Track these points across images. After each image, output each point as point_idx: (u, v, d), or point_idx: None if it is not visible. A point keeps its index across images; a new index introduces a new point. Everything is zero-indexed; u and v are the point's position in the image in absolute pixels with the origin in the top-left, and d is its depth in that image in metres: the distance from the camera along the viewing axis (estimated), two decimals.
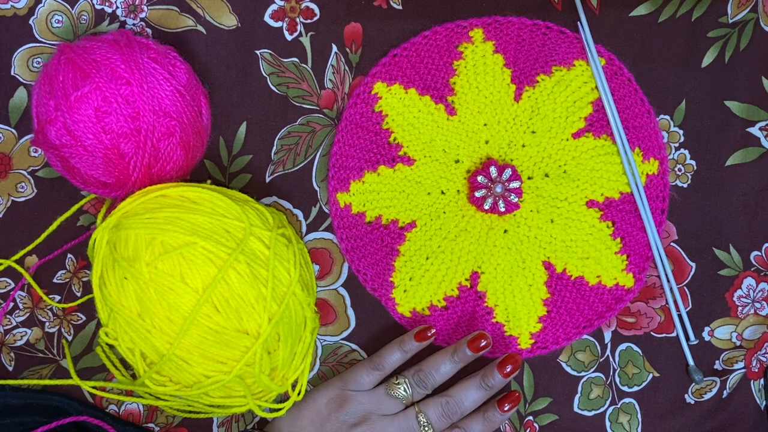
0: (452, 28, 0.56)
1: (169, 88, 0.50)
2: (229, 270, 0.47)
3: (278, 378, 0.51)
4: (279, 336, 0.49)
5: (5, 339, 0.57)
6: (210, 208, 0.49)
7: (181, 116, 0.51)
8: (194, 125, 0.52)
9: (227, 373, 0.48)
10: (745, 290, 0.57)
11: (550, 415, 0.57)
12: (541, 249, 0.56)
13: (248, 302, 0.48)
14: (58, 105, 0.49)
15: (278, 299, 0.49)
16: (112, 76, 0.49)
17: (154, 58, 0.51)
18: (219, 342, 0.47)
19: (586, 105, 0.56)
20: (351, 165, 0.56)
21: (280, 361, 0.50)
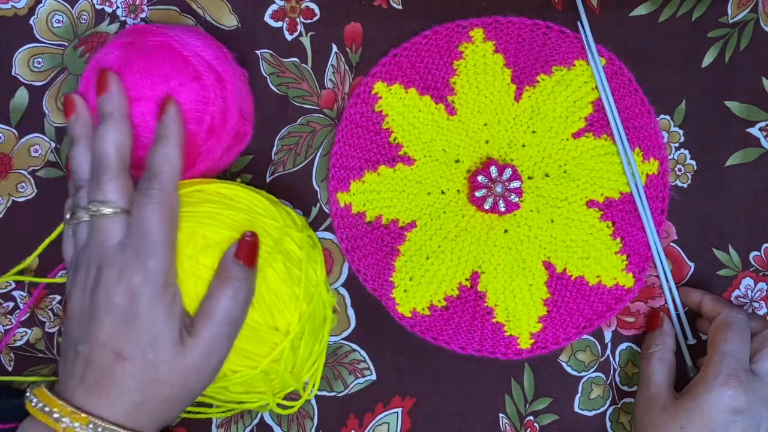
0: (452, 27, 0.56)
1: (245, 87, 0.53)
2: (267, 268, 0.47)
3: (295, 375, 0.51)
4: (302, 334, 0.49)
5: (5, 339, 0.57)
6: (246, 206, 0.50)
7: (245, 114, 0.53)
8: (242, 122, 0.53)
9: (254, 368, 0.48)
10: (744, 290, 0.57)
11: (550, 415, 0.57)
12: (541, 249, 0.56)
13: (282, 300, 0.48)
14: (153, 86, 0.48)
15: (307, 299, 0.49)
16: (209, 69, 0.50)
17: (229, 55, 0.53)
18: (250, 337, 0.47)
19: (587, 105, 0.56)
20: (351, 165, 0.56)
21: (300, 358, 0.50)
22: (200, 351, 0.44)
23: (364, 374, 0.57)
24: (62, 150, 0.57)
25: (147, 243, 0.44)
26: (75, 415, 0.42)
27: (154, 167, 0.46)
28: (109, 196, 0.45)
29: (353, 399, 0.57)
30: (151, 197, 0.45)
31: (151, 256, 0.43)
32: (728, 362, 0.50)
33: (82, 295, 0.44)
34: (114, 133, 0.46)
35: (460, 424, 0.57)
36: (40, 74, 0.57)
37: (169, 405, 0.44)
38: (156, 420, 0.44)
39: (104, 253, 0.44)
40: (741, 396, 0.48)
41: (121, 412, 0.42)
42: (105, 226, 0.44)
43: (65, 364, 0.44)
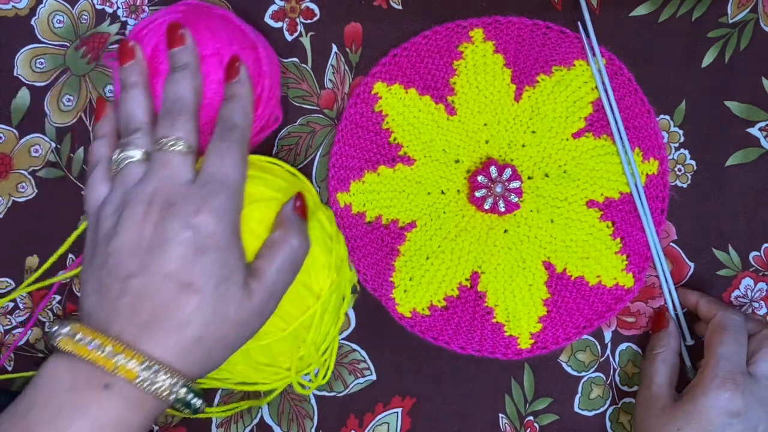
0: (452, 27, 0.56)
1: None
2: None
3: (316, 350, 0.52)
4: (327, 308, 0.50)
5: (5, 339, 0.57)
6: (282, 176, 0.52)
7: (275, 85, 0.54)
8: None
9: (285, 329, 0.49)
10: (743, 290, 0.57)
11: (550, 415, 0.57)
12: (541, 249, 0.56)
13: (318, 263, 0.49)
14: (217, 46, 0.50)
15: (337, 270, 0.51)
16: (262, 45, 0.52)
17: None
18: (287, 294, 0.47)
19: (586, 105, 0.56)
20: (351, 165, 0.56)
21: (321, 334, 0.51)
22: (264, 293, 0.44)
23: (364, 374, 0.57)
24: (62, 150, 0.57)
25: (226, 185, 0.43)
26: (129, 352, 0.39)
27: (232, 118, 0.46)
28: (184, 135, 0.45)
29: (353, 399, 0.57)
30: (234, 143, 0.45)
31: (230, 197, 0.43)
32: (724, 365, 0.50)
33: (139, 227, 0.42)
34: (192, 80, 0.47)
35: (460, 424, 0.57)
36: (42, 75, 0.57)
37: (223, 345, 0.43)
38: (203, 363, 0.42)
39: (175, 189, 0.43)
40: (738, 399, 0.48)
41: (176, 351, 0.40)
42: (176, 162, 0.44)
43: (107, 301, 0.41)
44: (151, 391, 0.39)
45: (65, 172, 0.57)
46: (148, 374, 0.39)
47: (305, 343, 0.50)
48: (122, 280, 0.41)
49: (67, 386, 0.39)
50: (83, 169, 0.57)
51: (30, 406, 0.39)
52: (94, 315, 0.41)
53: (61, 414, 0.38)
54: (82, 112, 0.57)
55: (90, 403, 0.39)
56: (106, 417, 0.39)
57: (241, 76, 0.48)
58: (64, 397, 0.39)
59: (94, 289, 0.42)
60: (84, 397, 0.39)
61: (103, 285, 0.42)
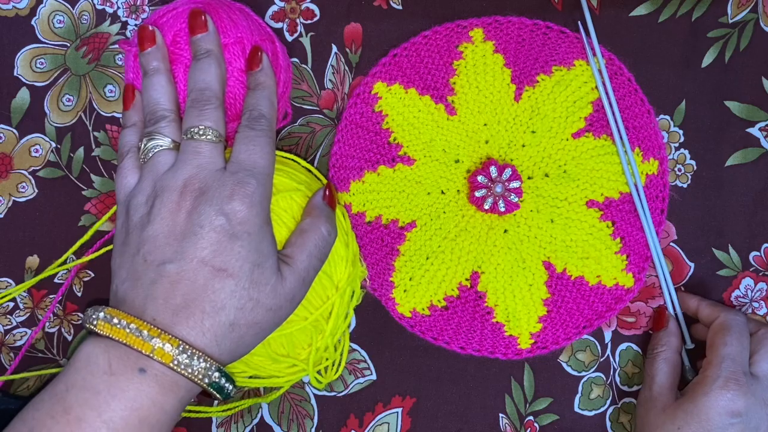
0: (452, 28, 0.56)
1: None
2: None
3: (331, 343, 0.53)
4: (342, 300, 0.51)
5: (5, 339, 0.57)
6: (300, 170, 0.52)
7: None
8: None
9: (306, 318, 0.49)
10: (743, 290, 0.57)
11: (550, 415, 0.57)
12: (541, 249, 0.56)
13: (337, 254, 0.50)
14: (239, 34, 0.50)
15: (352, 263, 0.52)
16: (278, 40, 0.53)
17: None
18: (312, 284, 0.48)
19: (586, 105, 0.56)
20: (351, 165, 0.56)
21: (336, 328, 0.51)
22: (295, 279, 0.45)
23: (364, 374, 0.57)
24: (62, 150, 0.57)
25: (256, 173, 0.44)
26: (165, 336, 0.40)
27: (258, 107, 0.47)
28: (213, 124, 0.45)
29: (353, 399, 0.57)
30: (262, 132, 0.46)
31: (261, 184, 0.44)
32: (727, 365, 0.50)
33: (172, 215, 0.43)
34: (218, 68, 0.48)
35: (460, 424, 0.57)
36: (42, 75, 0.57)
37: (256, 331, 0.43)
38: (236, 348, 0.43)
39: (208, 176, 0.44)
40: (740, 399, 0.48)
41: (210, 335, 0.41)
42: (207, 151, 0.45)
43: (141, 287, 0.42)
44: (186, 375, 0.40)
45: (65, 172, 0.57)
46: (184, 358, 0.40)
47: (324, 334, 0.50)
48: (157, 267, 0.42)
49: (104, 369, 0.40)
50: (83, 169, 0.57)
51: (68, 388, 0.40)
52: (128, 300, 0.42)
53: (98, 396, 0.39)
54: (82, 112, 0.57)
55: (126, 386, 0.39)
56: (142, 399, 0.39)
57: (264, 64, 0.49)
58: (101, 379, 0.39)
59: (127, 275, 0.43)
60: (120, 379, 0.39)
61: (137, 272, 0.42)
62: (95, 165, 0.57)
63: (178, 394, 0.41)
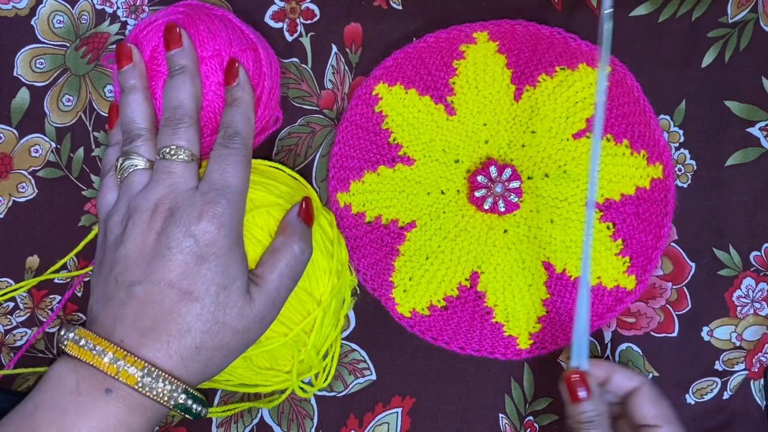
0: (460, 29, 0.56)
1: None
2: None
3: (317, 354, 0.52)
4: (328, 313, 0.50)
5: (5, 339, 0.57)
6: (285, 181, 0.52)
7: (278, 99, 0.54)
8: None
9: (286, 334, 0.49)
10: (745, 290, 0.57)
11: (550, 415, 0.57)
12: (541, 249, 0.56)
13: (318, 268, 0.50)
14: (217, 46, 0.50)
15: (337, 274, 0.51)
16: (262, 47, 0.52)
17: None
18: (290, 301, 0.48)
19: (589, 106, 0.56)
20: (351, 165, 0.56)
21: (321, 337, 0.51)
22: (265, 300, 0.45)
23: (364, 374, 0.57)
24: (62, 150, 0.57)
25: (228, 193, 0.44)
26: (129, 358, 0.40)
27: (233, 125, 0.47)
28: (186, 143, 0.45)
29: (353, 399, 0.57)
30: (236, 150, 0.46)
31: (232, 204, 0.44)
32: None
33: (144, 236, 0.43)
34: (191, 85, 0.47)
35: (460, 424, 0.57)
36: (42, 75, 0.57)
37: (224, 353, 0.43)
38: (204, 370, 0.43)
39: (179, 196, 0.44)
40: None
41: (177, 358, 0.41)
42: (179, 171, 0.45)
43: (112, 307, 0.42)
44: (152, 396, 0.40)
45: (65, 172, 0.57)
46: (149, 380, 0.40)
47: (306, 347, 0.50)
48: (126, 288, 0.42)
49: (71, 389, 0.40)
50: (83, 170, 0.57)
51: (36, 407, 0.40)
52: (99, 320, 0.43)
53: (65, 415, 0.39)
54: (81, 112, 0.57)
55: (93, 406, 0.40)
56: (108, 420, 0.40)
57: (241, 79, 0.48)
58: (69, 399, 0.40)
59: (100, 295, 0.44)
60: (87, 400, 0.40)
61: (108, 291, 0.43)
62: (95, 165, 0.57)
63: (145, 415, 0.41)
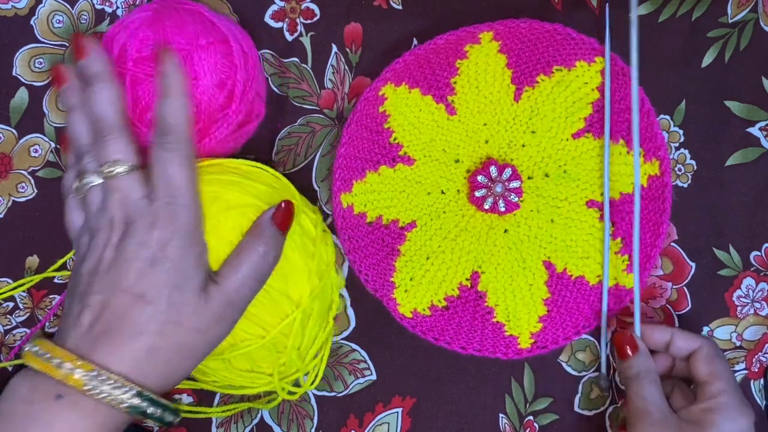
0: (468, 30, 0.55)
1: (261, 69, 0.54)
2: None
3: (301, 357, 0.51)
4: (311, 314, 0.50)
5: (5, 339, 0.57)
6: (266, 181, 0.51)
7: (260, 94, 0.54)
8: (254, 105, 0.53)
9: (263, 336, 0.48)
10: (745, 290, 0.57)
11: (550, 415, 0.57)
12: (542, 249, 0.56)
13: (296, 270, 0.49)
14: (182, 40, 0.49)
15: (319, 275, 0.50)
16: (235, 40, 0.51)
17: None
18: (262, 302, 0.48)
19: (586, 105, 0.56)
20: (354, 166, 0.56)
21: (306, 340, 0.50)
22: (223, 299, 0.44)
23: (364, 374, 0.57)
24: (62, 150, 0.57)
25: (176, 194, 0.44)
26: (77, 362, 0.40)
27: (166, 120, 0.46)
28: (118, 155, 0.45)
29: (353, 399, 0.57)
30: (172, 150, 0.45)
31: (182, 206, 0.44)
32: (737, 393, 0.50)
33: (102, 252, 0.44)
34: (106, 91, 0.46)
35: (460, 424, 0.57)
36: (41, 74, 0.57)
37: (184, 354, 0.43)
38: (165, 372, 0.43)
39: (130, 209, 0.44)
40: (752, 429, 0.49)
41: (129, 360, 0.41)
42: (123, 185, 0.44)
43: (68, 318, 0.43)
44: (102, 400, 0.40)
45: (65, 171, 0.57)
46: (96, 383, 0.40)
47: (286, 350, 0.50)
48: (84, 299, 0.43)
49: (24, 397, 0.41)
50: None
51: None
52: (60, 332, 0.43)
53: (18, 423, 0.40)
54: None
55: (44, 413, 0.40)
56: (60, 425, 0.40)
57: (168, 66, 0.47)
58: (21, 407, 0.40)
59: (66, 311, 0.44)
60: (38, 407, 0.40)
61: (70, 307, 0.44)
62: None
63: (97, 420, 0.40)
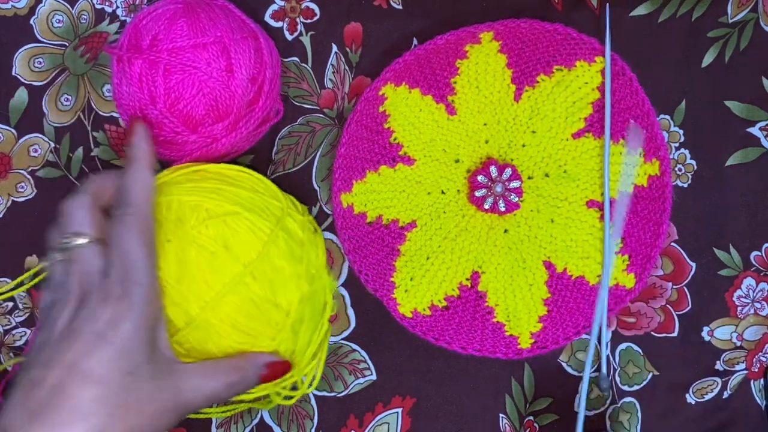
0: (469, 30, 0.55)
1: None
2: (269, 244, 0.47)
3: (295, 362, 0.51)
4: (303, 319, 0.49)
5: (5, 339, 0.57)
6: (249, 185, 0.50)
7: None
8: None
9: (253, 345, 0.48)
10: (745, 290, 0.57)
11: (550, 415, 0.57)
12: (542, 249, 0.56)
13: (283, 276, 0.48)
14: (218, 33, 0.50)
15: (309, 279, 0.49)
16: (263, 37, 0.52)
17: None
18: (251, 313, 0.47)
19: (586, 105, 0.56)
20: (354, 165, 0.56)
21: (300, 344, 0.50)
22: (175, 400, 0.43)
23: (364, 374, 0.57)
24: (61, 150, 0.57)
25: (131, 271, 0.43)
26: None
27: (126, 191, 0.45)
28: (78, 228, 0.44)
29: (353, 399, 0.57)
30: (127, 224, 0.44)
31: (136, 284, 0.42)
32: None
33: (54, 324, 0.43)
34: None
35: (460, 424, 0.57)
36: (40, 74, 0.57)
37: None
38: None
39: (85, 281, 0.43)
40: None
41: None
42: (82, 257, 0.44)
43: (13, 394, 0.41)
44: None
45: (64, 171, 0.57)
46: None
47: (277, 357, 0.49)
48: (28, 372, 0.41)
49: None
50: (82, 169, 0.57)
51: None
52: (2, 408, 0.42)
53: None
54: (80, 112, 0.57)
55: None
56: None
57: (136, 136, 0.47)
58: None
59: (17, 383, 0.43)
60: None
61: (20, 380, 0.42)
62: (94, 165, 0.57)
63: None
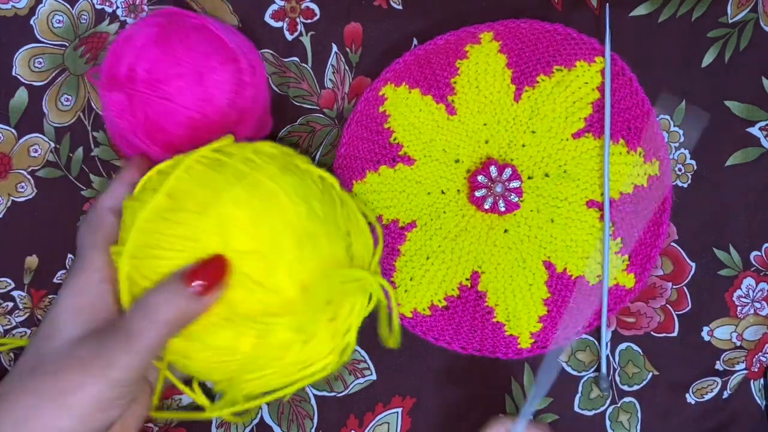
0: (468, 30, 0.55)
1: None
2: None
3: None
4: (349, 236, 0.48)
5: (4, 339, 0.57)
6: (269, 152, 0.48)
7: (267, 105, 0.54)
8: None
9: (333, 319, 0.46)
10: (745, 290, 0.57)
11: (550, 415, 0.57)
12: (542, 249, 0.56)
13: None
14: (194, 62, 0.48)
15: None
16: (243, 55, 0.50)
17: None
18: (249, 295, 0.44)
19: (586, 105, 0.56)
20: (354, 165, 0.56)
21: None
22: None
23: (364, 374, 0.57)
24: (61, 150, 0.57)
25: None
26: None
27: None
28: None
29: (353, 399, 0.57)
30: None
31: None
32: None
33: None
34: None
35: (460, 424, 0.57)
36: (40, 74, 0.57)
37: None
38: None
39: None
40: None
41: None
42: None
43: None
44: None
45: (64, 171, 0.57)
46: None
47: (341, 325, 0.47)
48: None
49: None
50: (82, 169, 0.57)
51: None
52: None
53: None
54: (80, 112, 0.57)
55: None
56: None
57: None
58: None
59: None
60: None
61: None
62: (94, 165, 0.57)
63: None
